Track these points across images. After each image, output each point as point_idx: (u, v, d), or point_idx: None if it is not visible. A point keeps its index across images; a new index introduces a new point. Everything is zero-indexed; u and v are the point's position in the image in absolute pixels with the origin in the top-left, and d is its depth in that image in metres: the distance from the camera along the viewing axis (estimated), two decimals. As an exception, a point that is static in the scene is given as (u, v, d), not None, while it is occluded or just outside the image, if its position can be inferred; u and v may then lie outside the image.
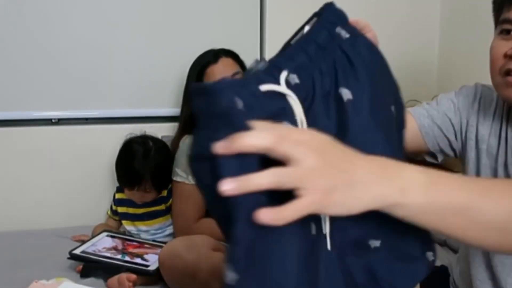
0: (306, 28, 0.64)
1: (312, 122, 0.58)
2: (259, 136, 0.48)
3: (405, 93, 0.67)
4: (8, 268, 1.53)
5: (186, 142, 1.70)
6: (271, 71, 0.59)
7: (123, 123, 1.95)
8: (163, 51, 1.96)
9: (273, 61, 0.60)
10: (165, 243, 1.57)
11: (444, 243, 1.79)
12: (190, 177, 1.65)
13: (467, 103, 1.04)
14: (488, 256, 0.95)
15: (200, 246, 1.41)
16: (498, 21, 0.91)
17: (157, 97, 1.98)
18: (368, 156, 0.54)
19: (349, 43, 0.63)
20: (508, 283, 0.93)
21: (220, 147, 0.48)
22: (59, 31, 1.87)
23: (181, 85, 1.81)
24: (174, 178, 1.68)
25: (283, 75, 0.59)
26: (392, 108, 0.65)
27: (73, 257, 1.53)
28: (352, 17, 0.67)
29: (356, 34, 0.65)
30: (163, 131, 1.84)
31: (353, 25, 0.66)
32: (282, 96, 0.57)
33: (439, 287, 1.14)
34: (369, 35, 0.67)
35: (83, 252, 1.55)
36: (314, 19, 0.64)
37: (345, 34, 0.64)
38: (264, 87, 0.56)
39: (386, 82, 0.66)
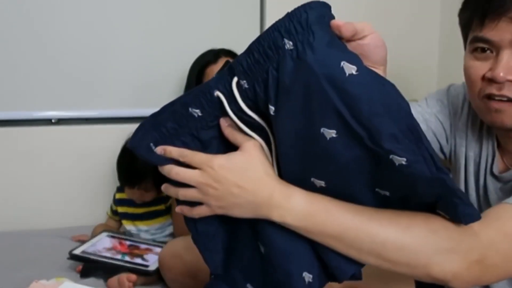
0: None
1: (261, 116, 0.70)
2: (186, 173, 0.72)
3: (405, 93, 0.65)
4: (8, 268, 1.53)
5: (186, 142, 1.70)
6: (229, 74, 0.69)
7: (123, 123, 1.94)
8: (163, 51, 1.96)
9: (232, 64, 0.69)
10: (165, 243, 1.57)
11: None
12: (190, 177, 1.65)
13: (456, 105, 1.00)
14: None
15: (200, 246, 1.41)
16: (467, 36, 0.86)
17: (157, 97, 1.97)
18: (262, 181, 0.70)
19: (289, 57, 0.62)
20: (493, 285, 0.93)
21: (162, 150, 0.74)
22: (59, 31, 1.87)
23: (181, 85, 1.81)
24: (174, 178, 1.68)
25: (234, 81, 0.68)
26: (324, 130, 0.63)
27: (73, 257, 1.53)
28: (353, 18, 0.65)
29: (300, 53, 0.61)
30: (163, 131, 1.83)
31: (328, 34, 0.61)
32: (233, 99, 0.69)
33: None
34: (368, 39, 0.64)
35: (83, 252, 1.55)
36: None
37: (289, 47, 0.62)
38: (216, 93, 0.70)
39: (320, 104, 0.61)
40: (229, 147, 0.73)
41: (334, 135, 0.63)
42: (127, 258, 1.56)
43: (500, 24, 0.77)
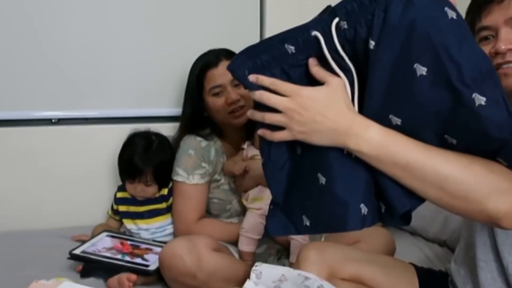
0: None
1: (350, 59, 0.80)
2: (277, 99, 0.82)
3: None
4: (8, 268, 1.53)
5: (187, 141, 1.69)
6: (330, 16, 0.79)
7: (123, 123, 1.94)
8: (163, 50, 1.96)
9: (334, 7, 0.79)
10: (165, 243, 1.57)
11: (444, 244, 1.79)
12: (190, 177, 1.65)
13: None
14: (493, 237, 0.96)
15: (200, 246, 1.41)
16: (474, 30, 0.98)
17: (158, 97, 1.98)
18: (344, 112, 0.80)
19: (399, 0, 0.73)
20: (509, 261, 0.94)
21: (255, 78, 0.84)
22: (59, 30, 1.87)
23: (182, 85, 1.81)
24: (175, 178, 1.68)
25: (335, 21, 0.78)
26: (417, 65, 0.73)
27: (73, 257, 1.53)
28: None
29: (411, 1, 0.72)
30: (164, 131, 1.84)
31: None
32: (329, 39, 0.79)
33: None
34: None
35: (83, 252, 1.55)
36: None
37: None
38: (314, 33, 0.80)
39: (420, 41, 0.72)
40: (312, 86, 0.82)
41: (424, 73, 0.73)
42: (127, 258, 1.56)
43: (492, 9, 0.91)
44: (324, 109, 0.79)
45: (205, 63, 1.67)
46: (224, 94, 1.64)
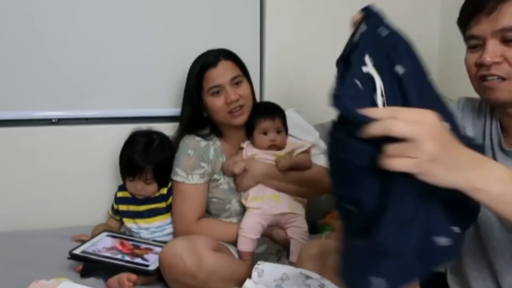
0: (361, 28, 0.77)
1: (387, 97, 0.74)
2: (407, 125, 0.64)
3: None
4: (8, 268, 1.54)
5: (186, 142, 1.69)
6: (360, 54, 0.75)
7: (123, 123, 1.95)
8: (163, 51, 1.96)
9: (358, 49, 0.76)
10: (165, 242, 1.57)
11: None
12: (190, 177, 1.65)
13: (464, 102, 1.14)
14: (482, 245, 0.96)
15: (200, 246, 1.41)
16: (465, 36, 1.01)
17: (157, 97, 1.98)
18: (462, 145, 0.68)
19: (391, 37, 0.77)
20: (503, 266, 0.94)
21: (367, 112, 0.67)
22: (59, 31, 1.88)
23: (181, 85, 1.81)
24: (174, 178, 1.68)
25: (367, 58, 0.75)
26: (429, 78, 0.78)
27: (73, 257, 1.53)
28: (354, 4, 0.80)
29: (392, 30, 0.78)
30: (163, 131, 1.84)
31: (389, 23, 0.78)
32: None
33: None
34: None
35: (83, 252, 1.55)
36: (362, 24, 0.77)
37: (384, 32, 0.77)
38: (365, 69, 0.74)
39: (416, 61, 0.78)
40: None
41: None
42: (127, 258, 1.56)
43: (480, 20, 0.93)
44: (452, 137, 0.67)
45: (204, 63, 1.67)
46: (223, 94, 1.64)
